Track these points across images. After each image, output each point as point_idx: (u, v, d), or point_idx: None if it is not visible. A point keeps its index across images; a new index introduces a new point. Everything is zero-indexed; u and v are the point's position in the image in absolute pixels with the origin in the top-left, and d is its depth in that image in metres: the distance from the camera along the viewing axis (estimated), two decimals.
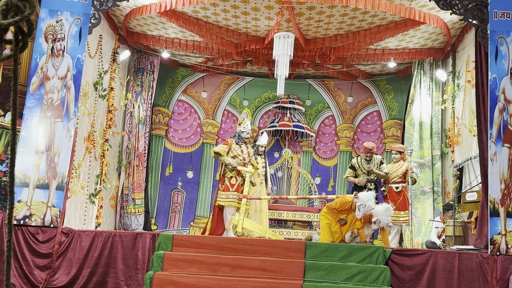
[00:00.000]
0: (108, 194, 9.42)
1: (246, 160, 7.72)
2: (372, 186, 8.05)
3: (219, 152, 7.63)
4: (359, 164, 8.18)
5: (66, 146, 6.58)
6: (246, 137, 7.84)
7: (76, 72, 6.75)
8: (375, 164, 8.12)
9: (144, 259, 6.28)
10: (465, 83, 8.56)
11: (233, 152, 7.68)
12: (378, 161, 8.17)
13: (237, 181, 7.62)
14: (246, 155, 7.76)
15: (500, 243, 6.13)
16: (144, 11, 8.40)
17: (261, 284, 5.74)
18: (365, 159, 8.13)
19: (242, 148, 7.78)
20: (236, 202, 7.54)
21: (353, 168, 8.23)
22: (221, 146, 7.77)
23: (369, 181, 8.09)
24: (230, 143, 7.74)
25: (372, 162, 8.11)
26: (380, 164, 8.14)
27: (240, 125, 7.97)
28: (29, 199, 6.42)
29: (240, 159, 7.67)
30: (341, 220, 7.23)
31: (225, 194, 7.57)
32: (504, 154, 6.34)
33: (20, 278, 6.15)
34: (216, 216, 7.64)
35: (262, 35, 9.66)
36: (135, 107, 10.18)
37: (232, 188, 7.57)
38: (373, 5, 7.66)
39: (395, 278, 6.14)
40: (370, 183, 8.09)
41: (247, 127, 7.89)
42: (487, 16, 6.72)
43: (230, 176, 7.63)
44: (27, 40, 1.51)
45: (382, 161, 8.21)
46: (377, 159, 8.19)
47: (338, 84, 11.59)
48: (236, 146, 7.74)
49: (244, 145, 7.83)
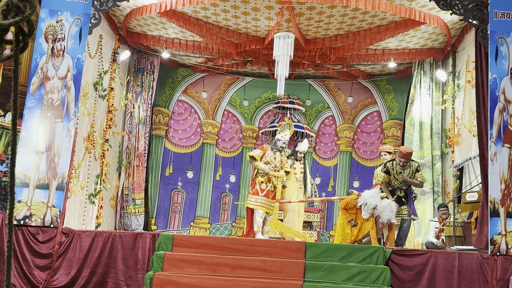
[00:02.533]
0: (108, 194, 9.42)
1: (277, 167, 7.95)
2: (402, 194, 7.51)
3: (254, 156, 7.89)
4: (394, 169, 7.50)
5: (66, 146, 6.58)
6: (282, 146, 8.06)
7: (76, 72, 6.75)
8: (410, 171, 7.44)
9: (144, 259, 6.29)
10: (465, 83, 8.56)
11: (266, 158, 7.93)
12: (414, 168, 7.47)
13: (267, 186, 7.87)
14: (278, 162, 8.00)
15: (500, 244, 6.13)
16: (144, 11, 8.39)
17: (261, 284, 5.74)
18: (399, 165, 7.41)
19: (276, 155, 8.01)
20: (265, 207, 7.76)
21: (388, 172, 7.53)
22: (257, 151, 8.06)
23: (399, 188, 7.52)
24: (265, 149, 8.01)
25: (407, 169, 7.43)
26: (415, 172, 7.45)
27: (280, 133, 8.23)
28: (29, 199, 6.42)
29: (272, 166, 7.90)
30: (351, 221, 7.18)
31: (254, 197, 7.83)
32: (504, 154, 6.34)
33: (20, 278, 6.15)
34: (250, 218, 7.91)
35: (262, 35, 9.66)
36: (135, 107, 10.18)
37: (261, 193, 7.82)
38: (373, 5, 7.66)
39: (395, 278, 6.14)
40: (400, 190, 7.52)
41: (284, 137, 8.12)
42: (487, 16, 6.72)
43: (261, 181, 7.87)
44: (27, 40, 1.51)
45: (418, 169, 7.50)
46: (413, 166, 7.48)
47: (338, 84, 11.59)
48: (271, 153, 7.99)
49: (278, 152, 8.05)
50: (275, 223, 7.68)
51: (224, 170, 11.32)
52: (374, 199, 6.98)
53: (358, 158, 11.32)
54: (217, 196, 11.20)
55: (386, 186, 7.55)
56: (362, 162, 11.28)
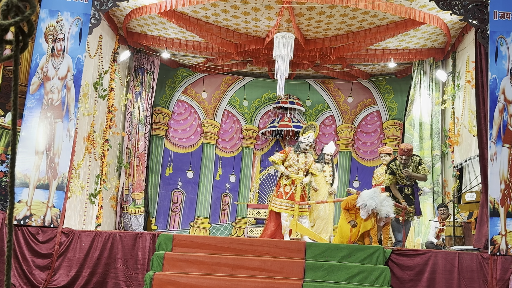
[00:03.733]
0: (108, 194, 9.42)
1: (301, 169, 7.96)
2: (409, 191, 7.47)
3: (275, 161, 8.04)
4: (397, 168, 7.42)
5: (66, 147, 6.58)
6: (305, 148, 8.03)
7: (76, 72, 6.75)
8: (413, 166, 7.39)
9: (144, 259, 6.29)
10: (465, 84, 8.56)
11: (289, 160, 7.97)
12: (416, 162, 7.42)
13: (291, 189, 7.92)
14: (302, 164, 7.99)
15: (500, 243, 6.13)
16: (144, 12, 8.40)
17: (261, 284, 5.74)
18: (401, 163, 7.34)
19: (299, 157, 8.00)
20: (289, 209, 7.83)
21: (393, 173, 7.45)
22: (278, 155, 8.13)
23: (406, 185, 7.47)
24: (287, 152, 8.07)
25: (410, 164, 7.37)
26: (418, 165, 7.41)
27: (302, 135, 8.27)
28: (29, 199, 6.42)
29: (295, 169, 7.92)
30: (351, 221, 7.15)
31: (278, 201, 7.94)
32: (504, 154, 6.34)
33: (20, 278, 6.15)
34: (271, 219, 8.03)
35: (262, 36, 9.66)
36: (135, 107, 10.19)
37: (285, 196, 7.90)
38: (373, 5, 7.66)
39: (395, 278, 6.14)
40: (407, 188, 7.47)
41: (307, 138, 8.10)
42: (487, 16, 6.72)
43: (285, 184, 7.93)
44: (27, 40, 1.52)
45: (420, 162, 7.46)
46: (415, 160, 7.43)
47: (338, 85, 11.59)
48: (294, 155, 8.00)
49: (302, 154, 8.04)
50: (295, 224, 7.74)
51: (224, 170, 11.33)
52: (374, 200, 6.94)
53: (358, 158, 11.33)
54: (217, 196, 11.20)
55: (395, 187, 7.48)
56: (362, 162, 11.28)
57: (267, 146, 11.60)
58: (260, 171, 11.34)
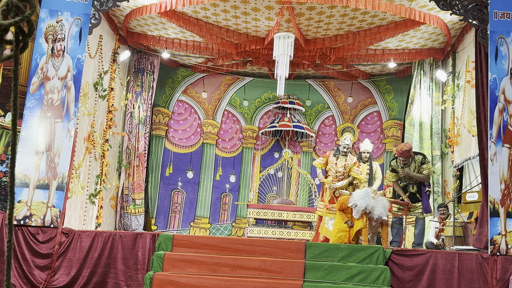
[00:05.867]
0: (108, 195, 9.42)
1: (339, 172, 7.96)
2: (414, 189, 7.39)
3: (315, 165, 8.33)
4: (398, 166, 7.37)
5: (66, 147, 6.58)
6: (343, 151, 8.04)
7: (76, 72, 6.75)
8: (415, 166, 7.31)
9: (144, 259, 6.29)
10: (465, 84, 8.56)
11: (329, 164, 8.08)
12: (418, 162, 7.32)
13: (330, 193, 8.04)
14: (341, 168, 7.98)
15: (500, 244, 6.13)
16: (144, 12, 8.40)
17: (261, 284, 5.74)
18: (401, 162, 7.31)
19: (338, 160, 8.03)
20: (330, 213, 7.90)
21: (395, 171, 7.42)
22: (319, 159, 8.33)
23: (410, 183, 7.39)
24: (327, 156, 8.18)
25: (412, 164, 7.30)
26: (421, 164, 7.33)
27: (340, 138, 8.36)
28: (29, 199, 6.42)
29: (333, 172, 7.99)
30: (347, 222, 7.14)
31: (322, 204, 8.11)
32: (504, 155, 6.34)
33: (20, 278, 6.15)
34: (318, 222, 8.20)
35: (262, 36, 9.66)
36: (135, 107, 10.19)
37: (325, 200, 8.04)
38: (373, 5, 7.66)
39: (395, 279, 6.14)
40: (412, 186, 7.38)
41: (344, 141, 8.11)
42: (487, 16, 6.72)
43: (326, 188, 8.08)
44: (27, 40, 1.52)
45: (423, 161, 7.36)
46: (417, 159, 7.34)
47: (338, 85, 11.59)
48: (333, 158, 8.07)
49: (341, 157, 8.04)
50: (322, 227, 7.79)
51: (224, 170, 11.33)
52: (364, 200, 6.89)
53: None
54: (217, 196, 11.20)
55: (398, 184, 7.50)
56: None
57: (267, 146, 11.60)
58: (260, 171, 11.34)
